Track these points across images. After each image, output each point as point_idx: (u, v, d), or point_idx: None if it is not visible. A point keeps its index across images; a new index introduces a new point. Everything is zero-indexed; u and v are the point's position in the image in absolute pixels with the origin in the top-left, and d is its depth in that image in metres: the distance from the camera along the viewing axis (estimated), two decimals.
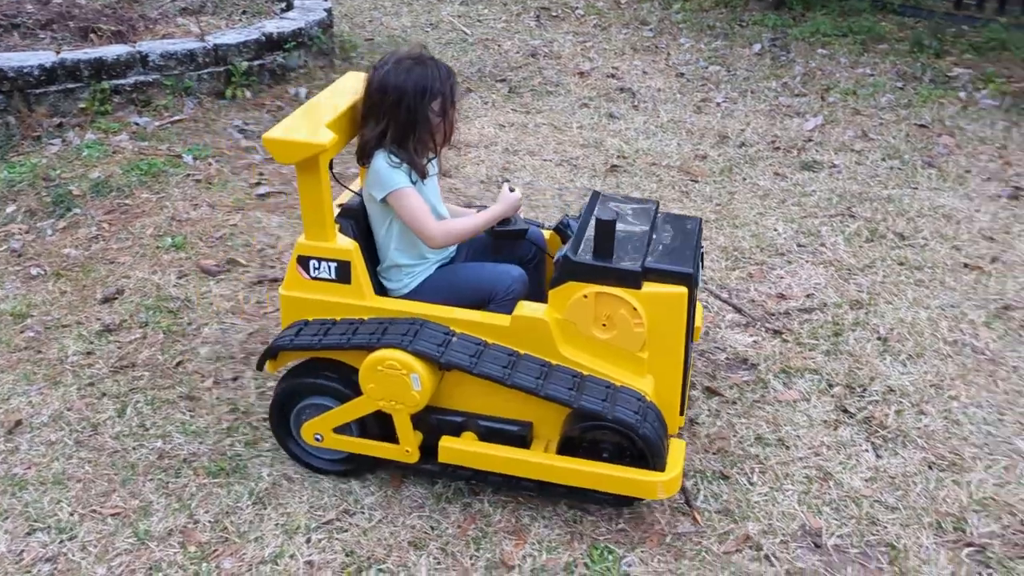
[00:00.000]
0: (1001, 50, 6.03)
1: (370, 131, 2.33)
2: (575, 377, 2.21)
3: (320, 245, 2.28)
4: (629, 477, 2.18)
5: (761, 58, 5.91)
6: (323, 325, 2.31)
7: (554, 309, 2.23)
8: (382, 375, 2.19)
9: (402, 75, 2.28)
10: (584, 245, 2.24)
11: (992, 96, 5.25)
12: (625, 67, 5.75)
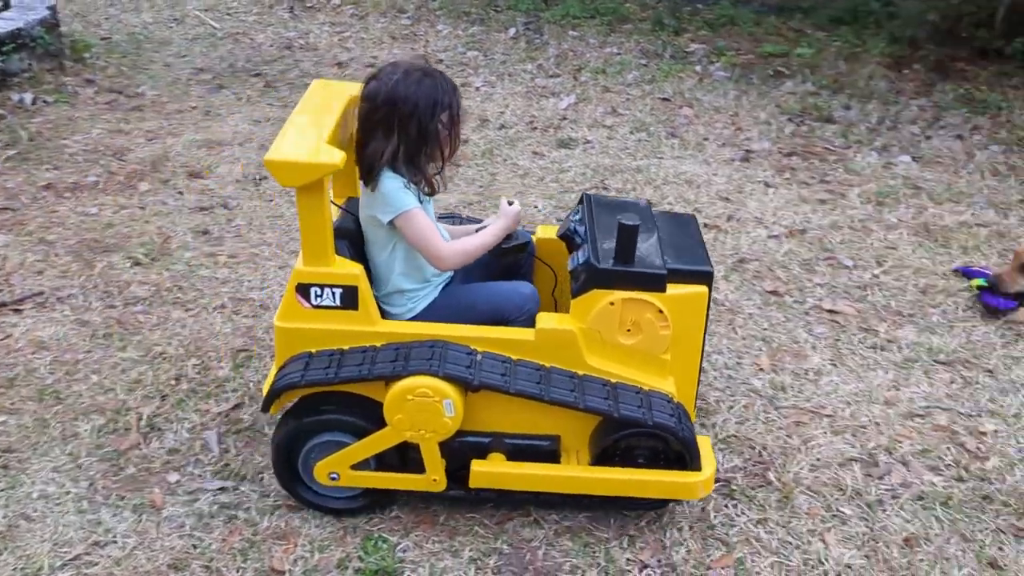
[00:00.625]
0: (731, 25, 6.54)
1: (378, 146, 2.14)
2: (606, 386, 2.16)
3: (323, 271, 2.10)
4: (670, 481, 2.17)
5: (516, 42, 6.06)
6: (332, 356, 2.13)
7: (578, 319, 2.16)
8: (412, 404, 2.06)
9: (412, 87, 2.12)
10: (603, 252, 2.16)
11: (724, 68, 5.69)
12: (384, 56, 5.71)
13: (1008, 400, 2.79)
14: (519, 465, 2.19)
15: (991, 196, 4.12)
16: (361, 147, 2.18)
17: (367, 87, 2.17)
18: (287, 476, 2.26)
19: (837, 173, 4.35)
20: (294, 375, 2.11)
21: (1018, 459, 2.55)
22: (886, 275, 3.47)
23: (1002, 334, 3.12)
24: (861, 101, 5.18)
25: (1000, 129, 4.84)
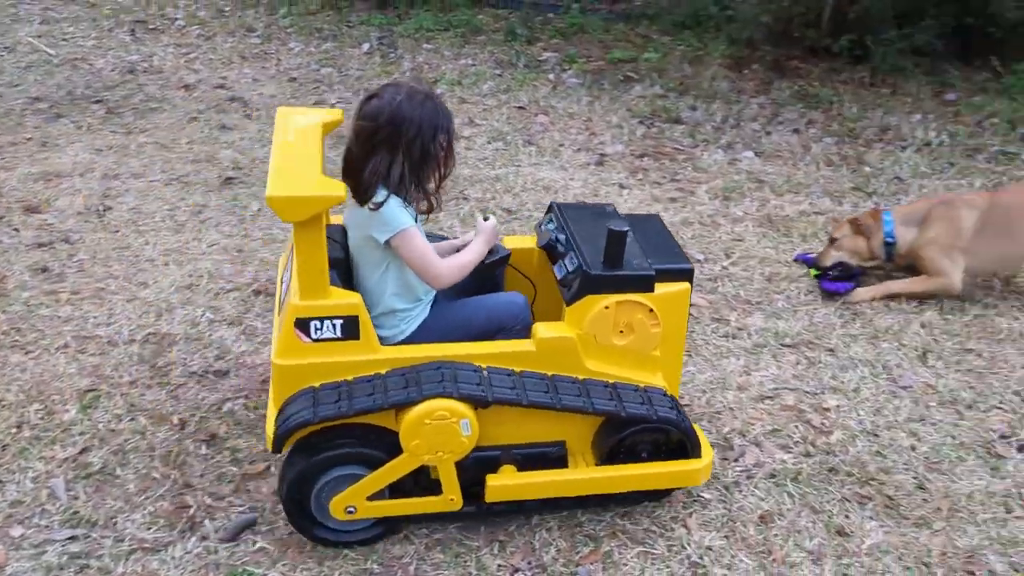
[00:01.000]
0: (582, 33, 6.72)
1: (379, 166, 2.13)
2: (607, 387, 2.23)
3: (321, 303, 2.06)
4: (676, 470, 2.27)
5: (371, 57, 6.03)
6: (339, 389, 2.09)
7: (574, 325, 2.21)
8: (430, 428, 2.06)
9: (417, 109, 2.13)
10: (592, 258, 2.21)
11: (577, 75, 5.83)
12: (234, 76, 5.57)
13: (848, 376, 2.97)
14: (534, 474, 2.24)
15: (826, 185, 4.38)
16: (357, 166, 2.16)
17: (368, 106, 2.16)
18: (303, 520, 2.20)
19: (686, 172, 4.53)
20: (304, 412, 2.05)
21: (859, 431, 2.72)
22: (734, 266, 3.64)
23: (840, 314, 3.32)
24: (706, 102, 5.41)
25: (832, 122, 5.16)
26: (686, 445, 2.29)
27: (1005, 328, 3.23)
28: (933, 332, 3.21)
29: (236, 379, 2.83)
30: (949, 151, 4.78)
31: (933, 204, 3.44)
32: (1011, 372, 3.00)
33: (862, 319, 3.29)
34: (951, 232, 3.32)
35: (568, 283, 2.25)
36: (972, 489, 2.49)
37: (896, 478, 2.53)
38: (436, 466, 2.14)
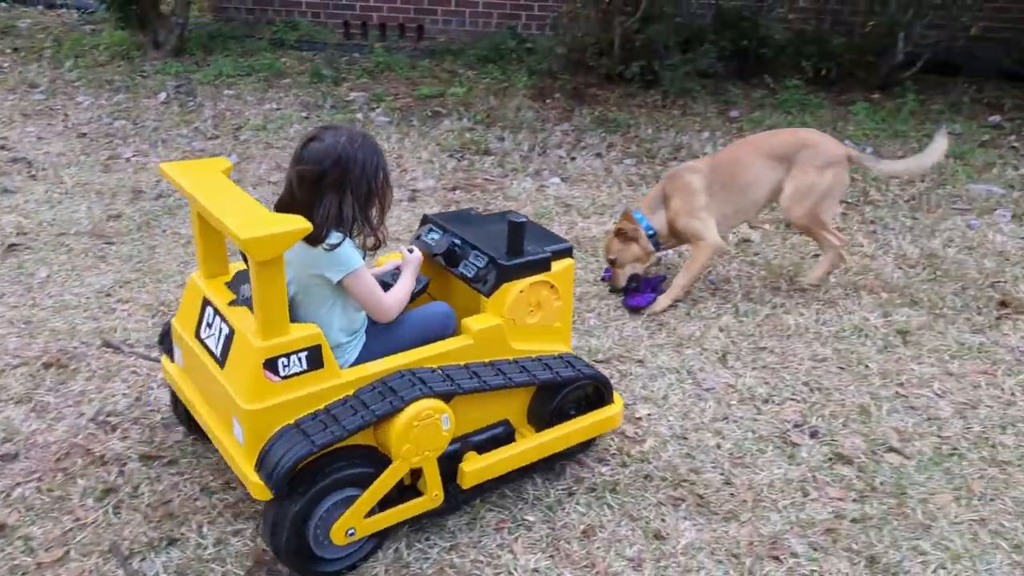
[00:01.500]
0: (388, 71, 6.77)
1: (329, 207, 2.20)
2: (536, 360, 2.51)
3: (287, 339, 2.10)
4: (603, 418, 2.62)
5: (168, 106, 5.81)
6: (317, 417, 2.14)
7: (496, 312, 2.45)
8: (418, 430, 2.18)
9: (359, 148, 2.25)
10: (497, 252, 2.47)
11: (385, 113, 5.86)
12: (16, 135, 5.22)
13: (657, 385, 3.11)
14: (492, 455, 2.44)
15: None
16: (303, 210, 2.18)
17: (309, 151, 2.23)
18: (304, 562, 2.21)
19: (497, 201, 4.63)
20: (299, 446, 2.07)
21: (669, 436, 2.85)
22: None
23: (647, 326, 3.48)
24: (513, 132, 5.57)
25: (631, 144, 5.43)
26: (603, 394, 2.64)
27: (792, 324, 3.49)
28: (731, 335, 3.43)
29: (27, 461, 2.62)
30: None
31: (664, 183, 3.68)
32: (800, 364, 3.24)
33: (667, 329, 3.46)
34: (687, 199, 3.55)
35: (482, 278, 2.48)
36: (772, 478, 2.67)
37: (705, 477, 2.67)
38: (423, 466, 2.26)
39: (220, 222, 2.06)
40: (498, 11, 7.44)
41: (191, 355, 2.38)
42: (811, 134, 3.67)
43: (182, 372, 2.49)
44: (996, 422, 2.94)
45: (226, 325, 2.23)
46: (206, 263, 2.42)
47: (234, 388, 2.14)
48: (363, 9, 7.59)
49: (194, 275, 2.45)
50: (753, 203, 3.63)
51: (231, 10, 7.70)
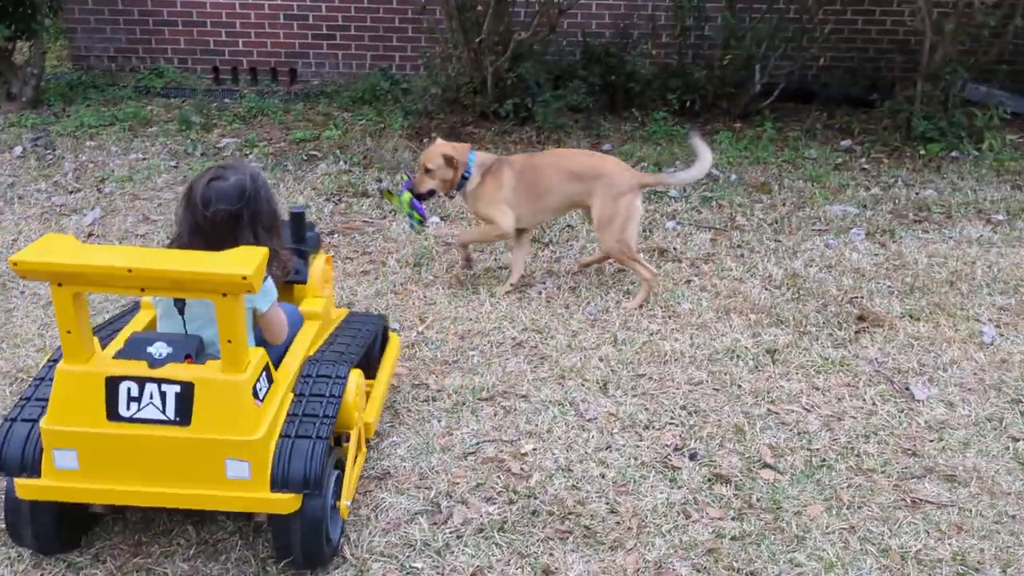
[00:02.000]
0: (261, 116, 6.67)
1: (248, 243, 2.27)
2: (351, 322, 3.02)
3: (254, 367, 2.24)
4: (396, 353, 3.28)
5: (25, 160, 5.55)
6: (299, 416, 2.36)
7: (314, 294, 2.87)
8: (359, 395, 2.58)
9: (260, 184, 2.37)
10: (289, 242, 2.76)
11: (259, 158, 5.76)
12: None
13: (540, 419, 3.14)
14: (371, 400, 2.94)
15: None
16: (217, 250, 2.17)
17: (212, 190, 2.29)
18: (324, 549, 2.38)
19: (377, 243, 4.61)
20: (316, 444, 2.28)
21: (554, 469, 2.88)
22: (429, 330, 3.74)
23: (530, 360, 3.52)
24: (390, 173, 5.56)
25: None
26: (387, 332, 3.24)
27: (669, 350, 3.60)
28: (610, 363, 3.50)
29: None
30: None
31: (495, 161, 4.00)
32: (677, 389, 3.34)
33: (549, 362, 3.50)
34: (495, 187, 3.92)
35: (295, 270, 2.72)
36: (656, 503, 2.72)
37: (591, 507, 2.70)
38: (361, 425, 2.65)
39: (191, 272, 2.07)
40: (371, 53, 7.45)
41: (107, 444, 2.21)
42: (608, 164, 4.00)
43: (87, 472, 2.23)
44: (860, 432, 3.10)
45: (171, 385, 2.17)
46: (80, 349, 2.19)
47: (222, 432, 2.19)
48: (232, 54, 7.46)
49: (63, 366, 2.20)
50: (547, 209, 4.04)
51: (91, 59, 7.44)
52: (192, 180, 2.43)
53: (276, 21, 7.35)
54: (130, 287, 2.14)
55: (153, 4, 7.27)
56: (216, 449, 2.19)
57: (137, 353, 2.23)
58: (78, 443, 2.20)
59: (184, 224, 2.35)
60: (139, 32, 7.37)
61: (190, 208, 2.32)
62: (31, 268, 2.07)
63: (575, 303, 3.99)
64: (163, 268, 2.10)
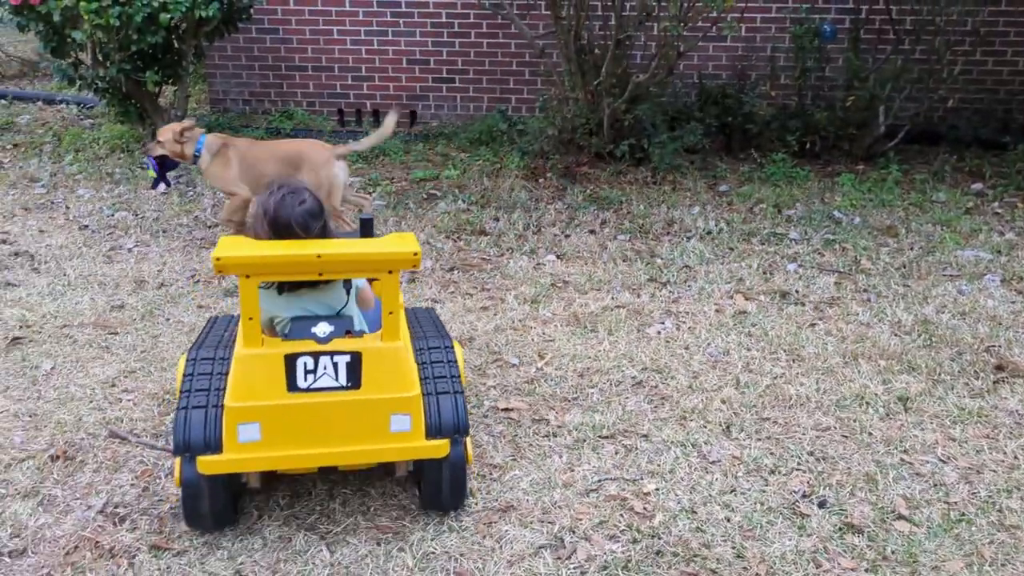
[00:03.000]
0: (383, 156, 6.92)
1: None
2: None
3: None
4: None
5: (168, 197, 5.91)
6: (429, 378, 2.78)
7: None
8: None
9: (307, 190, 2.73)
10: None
11: (381, 197, 5.97)
12: (18, 229, 5.29)
13: (662, 459, 3.12)
14: None
15: (624, 279, 4.68)
16: None
17: (306, 212, 2.58)
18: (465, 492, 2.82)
19: (495, 280, 4.70)
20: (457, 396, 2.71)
21: (678, 510, 2.85)
22: (548, 366, 3.78)
23: (650, 400, 3.51)
24: (507, 211, 5.67)
25: (623, 220, 5.54)
26: None
27: (794, 395, 3.52)
28: (733, 406, 3.45)
29: (35, 556, 2.60)
30: (728, 237, 5.24)
31: (221, 144, 4.85)
32: (804, 434, 3.26)
33: (670, 403, 3.48)
34: (225, 168, 4.82)
35: None
36: (784, 550, 2.66)
37: (716, 551, 2.66)
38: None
39: (369, 254, 2.50)
40: (488, 95, 7.65)
41: (287, 413, 2.52)
42: (305, 146, 4.89)
43: (268, 441, 2.52)
44: (1001, 486, 2.96)
45: (342, 356, 2.52)
46: (258, 334, 2.51)
47: (390, 391, 2.56)
48: (357, 97, 7.79)
49: (245, 351, 2.50)
50: (262, 185, 4.56)
51: (228, 101, 7.90)
52: (271, 207, 2.58)
53: (399, 66, 7.65)
54: (312, 272, 2.49)
55: (285, 51, 7.68)
56: (383, 407, 2.56)
57: (302, 334, 2.55)
58: (261, 416, 2.51)
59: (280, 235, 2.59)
60: (272, 77, 7.79)
61: (285, 232, 2.56)
62: (231, 263, 2.39)
63: (695, 344, 3.96)
64: (346, 252, 2.50)
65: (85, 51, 6.38)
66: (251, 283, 2.43)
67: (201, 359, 2.78)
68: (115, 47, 6.11)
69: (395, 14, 7.50)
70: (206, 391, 2.63)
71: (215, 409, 2.57)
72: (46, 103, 8.29)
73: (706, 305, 4.35)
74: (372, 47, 7.61)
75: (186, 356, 2.87)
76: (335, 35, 7.61)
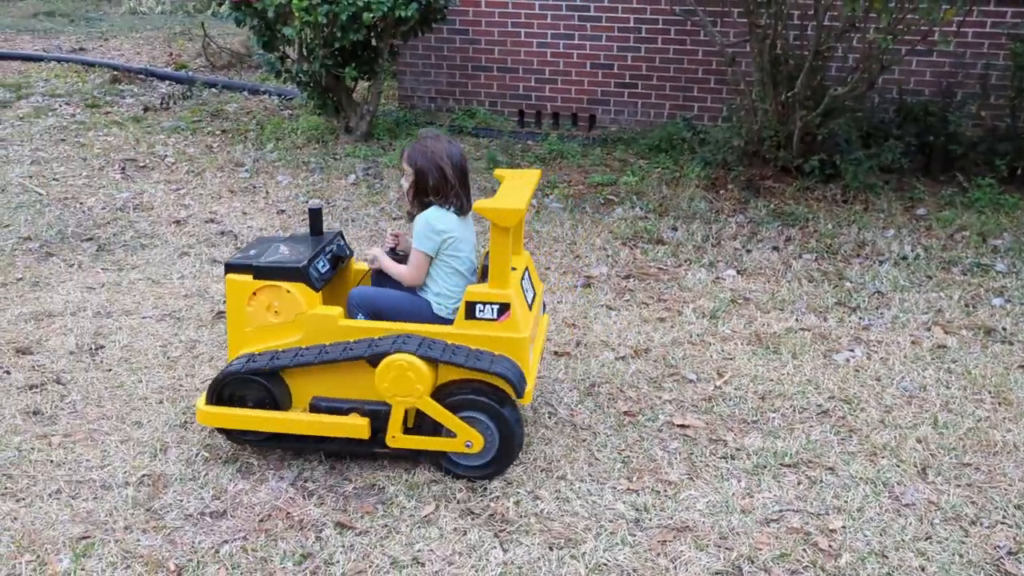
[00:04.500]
0: (561, 159, 6.95)
1: None
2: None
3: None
4: None
5: (357, 187, 6.18)
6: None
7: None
8: None
9: None
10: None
11: (558, 200, 6.00)
12: (224, 210, 5.68)
13: (850, 495, 2.96)
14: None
15: (810, 301, 4.47)
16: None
17: (459, 149, 3.10)
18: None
19: (672, 291, 4.62)
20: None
21: (867, 552, 2.69)
22: (727, 385, 3.66)
23: (836, 431, 3.34)
24: (686, 222, 5.56)
25: (810, 239, 5.31)
26: None
27: (1000, 441, 3.25)
28: (929, 447, 3.23)
29: (233, 520, 2.78)
30: (926, 264, 4.92)
31: None
32: (1010, 486, 3.00)
33: (858, 435, 3.30)
34: None
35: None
36: None
37: None
38: None
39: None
40: (670, 103, 7.54)
41: (525, 311, 3.03)
42: None
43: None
44: None
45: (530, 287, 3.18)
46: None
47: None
48: (538, 99, 7.87)
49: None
50: None
51: (415, 99, 8.17)
52: (453, 154, 3.04)
53: (583, 70, 7.66)
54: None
55: (473, 51, 7.87)
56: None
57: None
58: (520, 305, 3.07)
59: (457, 184, 3.03)
60: (458, 76, 8.00)
61: (457, 171, 3.02)
62: (506, 212, 2.81)
63: (887, 376, 3.74)
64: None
65: (292, 46, 6.78)
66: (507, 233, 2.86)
67: None
68: (320, 43, 6.45)
69: (583, 18, 7.52)
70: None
71: None
72: (251, 93, 8.87)
73: (900, 335, 4.09)
74: (558, 50, 7.67)
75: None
76: (522, 37, 7.71)
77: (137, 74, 9.36)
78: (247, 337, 3.04)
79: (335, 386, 2.97)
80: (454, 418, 2.89)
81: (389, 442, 2.94)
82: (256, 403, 2.97)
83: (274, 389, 2.95)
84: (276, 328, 3.01)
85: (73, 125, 7.51)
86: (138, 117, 7.79)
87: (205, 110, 8.12)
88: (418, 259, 3.06)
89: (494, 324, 2.91)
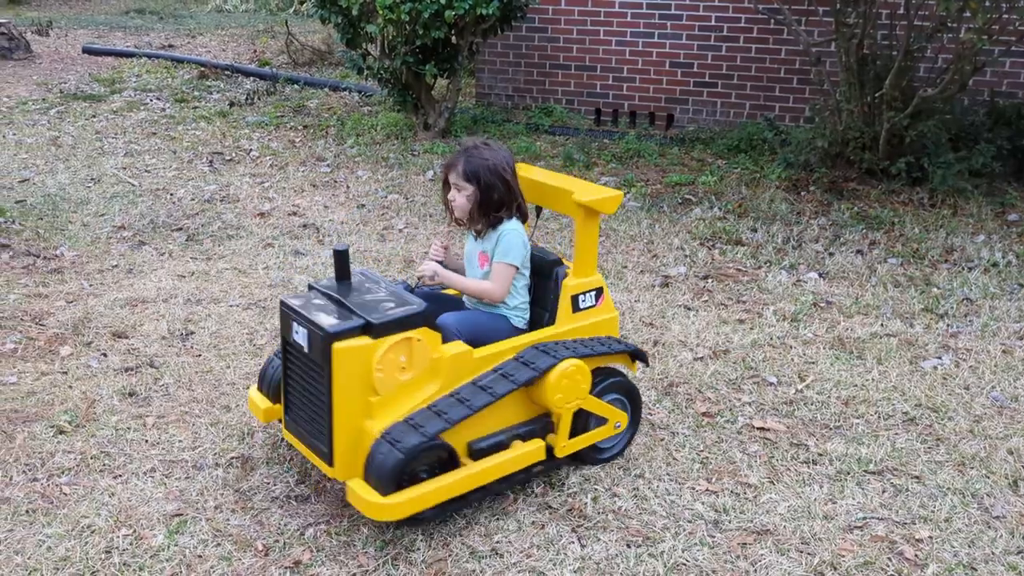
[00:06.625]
0: (638, 158, 6.92)
1: None
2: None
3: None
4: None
5: (434, 184, 6.26)
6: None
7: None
8: None
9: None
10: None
11: (636, 198, 5.97)
12: (306, 203, 5.82)
13: (937, 505, 2.88)
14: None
15: (895, 307, 4.37)
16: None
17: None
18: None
19: (752, 293, 4.56)
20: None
21: (954, 564, 2.62)
22: (809, 389, 3.61)
23: (923, 439, 3.25)
24: (766, 223, 5.48)
25: (895, 243, 5.18)
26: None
27: None
28: (1022, 459, 3.12)
29: (317, 504, 2.85)
30: (1018, 272, 4.75)
31: None
32: None
33: (946, 445, 3.22)
34: None
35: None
36: None
37: None
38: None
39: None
40: (750, 102, 7.44)
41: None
42: None
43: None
44: None
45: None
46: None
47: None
48: (616, 97, 7.85)
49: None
50: None
51: (492, 96, 8.23)
52: (500, 161, 2.97)
53: (661, 68, 7.61)
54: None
55: (552, 49, 7.89)
56: None
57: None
58: None
59: (518, 188, 3.02)
60: (536, 74, 8.03)
61: (516, 179, 3.01)
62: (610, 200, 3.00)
63: (976, 384, 3.63)
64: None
65: (375, 43, 6.90)
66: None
67: None
68: (402, 40, 6.55)
69: (664, 16, 7.47)
70: None
71: None
72: (332, 89, 9.05)
73: (991, 344, 3.97)
74: (636, 48, 7.63)
75: None
76: (601, 35, 7.70)
77: (223, 70, 9.65)
78: (371, 409, 2.61)
79: (484, 424, 2.78)
80: (608, 405, 3.02)
81: (559, 452, 2.90)
82: (429, 472, 2.63)
83: (452, 448, 2.67)
84: (409, 385, 2.65)
85: (163, 119, 7.79)
86: (224, 112, 8.03)
87: (287, 106, 8.33)
88: (510, 274, 2.98)
89: (594, 310, 3.07)
